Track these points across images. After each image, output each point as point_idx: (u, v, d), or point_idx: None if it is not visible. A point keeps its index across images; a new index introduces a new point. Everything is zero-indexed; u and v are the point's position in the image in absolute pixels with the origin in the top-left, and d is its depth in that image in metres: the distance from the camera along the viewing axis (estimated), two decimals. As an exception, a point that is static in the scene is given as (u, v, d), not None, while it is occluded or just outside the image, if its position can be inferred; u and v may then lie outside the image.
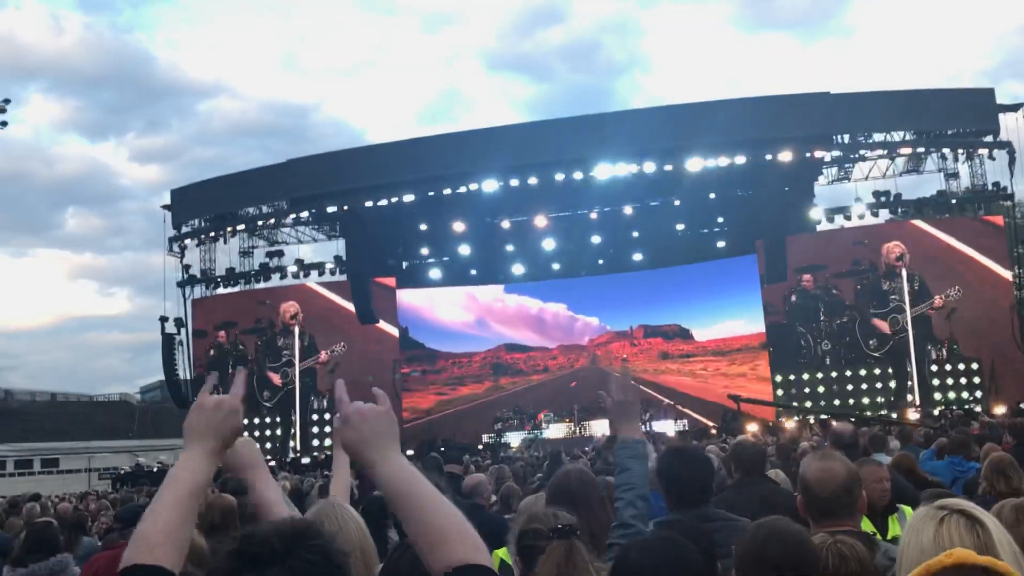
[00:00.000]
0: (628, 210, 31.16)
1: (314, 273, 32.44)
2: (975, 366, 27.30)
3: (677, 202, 30.52)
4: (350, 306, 31.37)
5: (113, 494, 14.87)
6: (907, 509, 4.78)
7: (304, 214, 31.42)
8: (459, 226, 30.98)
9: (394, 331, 31.99)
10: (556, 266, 33.38)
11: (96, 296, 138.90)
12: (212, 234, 32.67)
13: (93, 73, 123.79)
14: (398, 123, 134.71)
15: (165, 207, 33.21)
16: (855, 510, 3.24)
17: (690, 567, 2.43)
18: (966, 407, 24.02)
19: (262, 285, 32.95)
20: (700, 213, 31.48)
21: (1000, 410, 23.20)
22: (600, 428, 28.44)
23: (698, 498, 3.96)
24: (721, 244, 31.89)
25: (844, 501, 3.19)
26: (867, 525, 3.92)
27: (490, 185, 28.06)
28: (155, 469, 30.39)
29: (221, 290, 33.30)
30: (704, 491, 4.05)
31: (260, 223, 32.66)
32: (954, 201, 29.44)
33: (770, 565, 2.48)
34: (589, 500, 3.30)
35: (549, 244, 32.15)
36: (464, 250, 32.97)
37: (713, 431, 24.14)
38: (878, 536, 3.85)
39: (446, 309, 34.16)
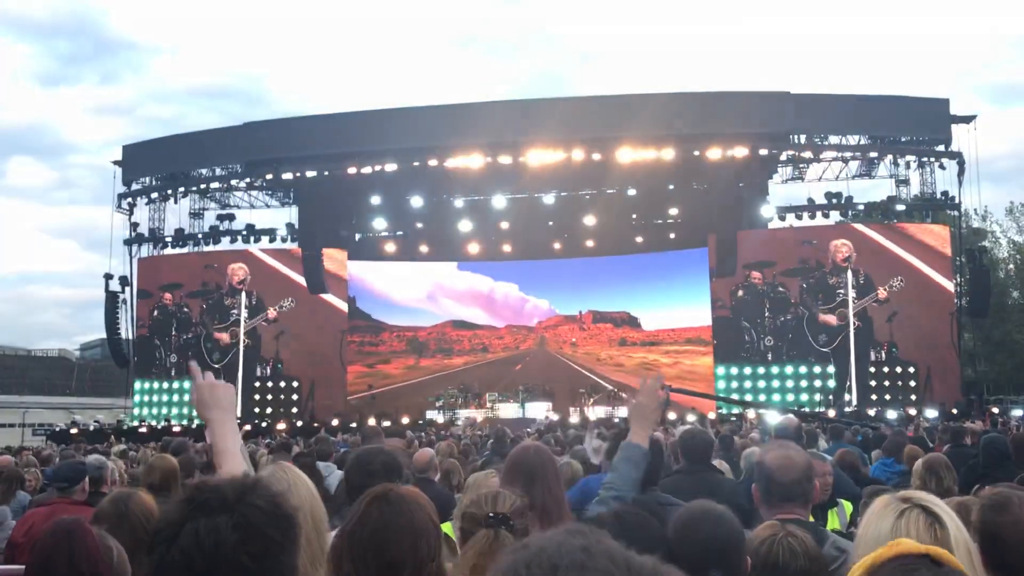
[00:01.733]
0: (584, 196, 31.33)
1: (264, 239, 32.07)
2: (911, 370, 27.93)
3: (632, 191, 30.70)
4: (297, 276, 31.10)
5: (47, 450, 14.60)
6: (846, 503, 4.92)
7: (258, 179, 31.02)
8: (416, 201, 30.83)
9: (342, 304, 31.81)
10: (509, 248, 33.41)
11: (40, 249, 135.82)
12: (163, 193, 32.14)
13: (47, 21, 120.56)
14: (358, 95, 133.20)
15: (116, 163, 32.62)
16: (809, 499, 3.33)
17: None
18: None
19: (211, 248, 32.47)
20: (654, 204, 31.73)
21: (932, 414, 23.83)
22: (541, 410, 28.71)
23: (646, 483, 4.03)
24: (673, 236, 32.19)
25: (802, 489, 3.27)
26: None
27: (449, 162, 27.90)
28: (91, 428, 29.93)
29: (168, 251, 32.77)
30: (652, 477, 4.13)
31: (213, 185, 32.22)
32: (903, 207, 30.00)
33: (700, 546, 2.55)
34: (545, 475, 3.36)
35: (504, 225, 32.16)
36: (419, 226, 32.87)
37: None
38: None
39: (397, 283, 34.05)
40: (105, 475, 6.14)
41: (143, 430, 27.36)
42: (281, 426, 26.47)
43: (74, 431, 27.73)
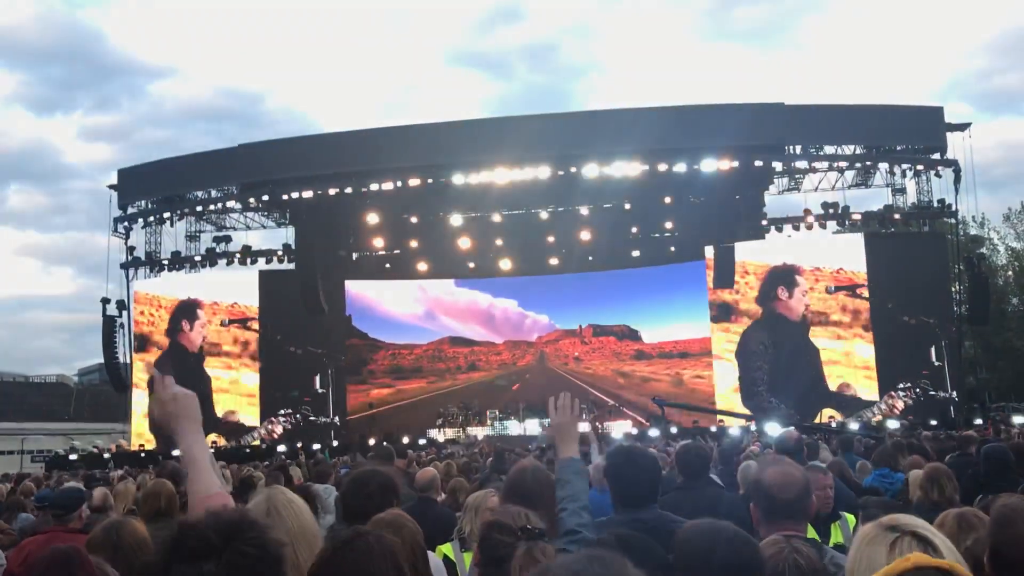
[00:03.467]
0: (582, 211, 31.34)
1: (261, 260, 32.05)
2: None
3: (628, 205, 30.69)
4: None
5: (51, 480, 14.51)
6: (849, 517, 4.86)
7: (253, 200, 30.99)
8: (412, 219, 30.83)
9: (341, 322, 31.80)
10: (507, 264, 33.38)
11: (37, 275, 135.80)
12: (158, 216, 32.11)
13: (42, 47, 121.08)
14: (354, 114, 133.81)
15: (112, 187, 32.60)
16: (808, 515, 3.29)
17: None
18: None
19: (208, 270, 32.44)
20: (651, 217, 31.72)
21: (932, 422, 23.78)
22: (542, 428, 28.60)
23: (644, 498, 3.98)
24: (672, 249, 32.16)
25: (802, 505, 3.23)
26: (810, 532, 3.97)
27: (445, 180, 27.91)
28: (90, 451, 29.80)
29: (165, 274, 32.70)
30: (651, 491, 4.08)
31: (208, 207, 32.20)
32: (899, 216, 30.00)
33: (719, 567, 2.46)
34: (544, 497, 3.32)
35: (501, 241, 32.14)
36: (415, 244, 32.83)
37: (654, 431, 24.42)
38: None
39: (394, 301, 34.03)
40: (109, 504, 6.06)
41: (142, 454, 27.24)
42: (281, 448, 26.34)
43: (73, 457, 27.61)
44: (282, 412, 30.69)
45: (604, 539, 2.81)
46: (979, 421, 23.57)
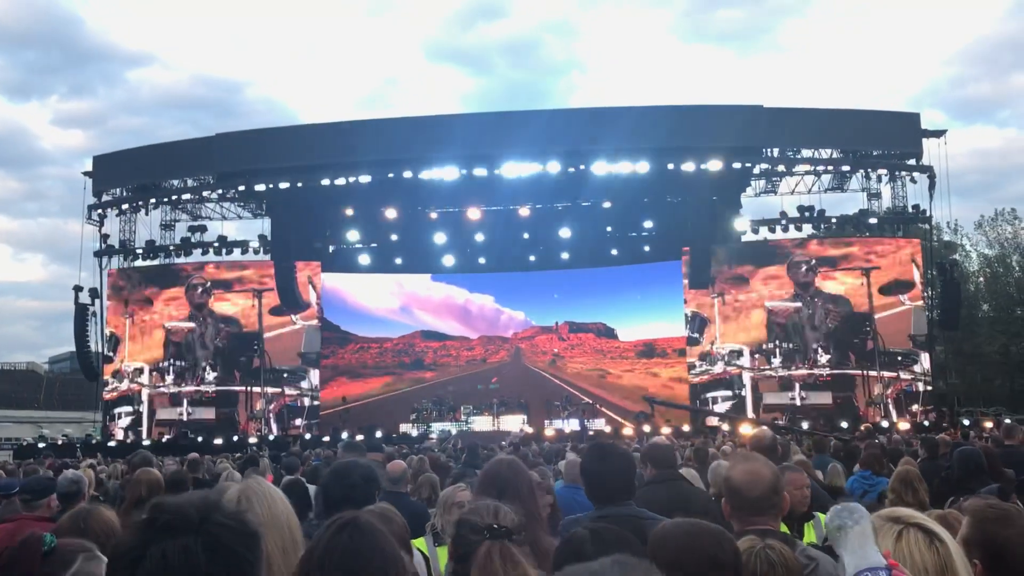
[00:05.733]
0: (559, 208, 31.33)
1: (236, 251, 31.82)
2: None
3: (607, 204, 30.74)
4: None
5: (11, 465, 14.39)
6: (822, 516, 4.87)
7: (230, 190, 30.76)
8: (390, 213, 30.68)
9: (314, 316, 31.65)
10: (483, 260, 33.34)
11: (8, 261, 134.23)
12: (133, 204, 31.82)
13: (18, 31, 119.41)
14: (332, 107, 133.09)
15: (86, 174, 32.27)
16: (780, 511, 3.30)
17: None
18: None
19: (182, 260, 32.18)
20: (629, 217, 31.78)
21: (904, 426, 24.02)
22: (516, 423, 28.65)
23: (621, 495, 3.98)
24: (647, 248, 32.25)
25: (772, 502, 3.24)
26: (784, 531, 3.98)
27: (424, 174, 27.82)
28: (59, 442, 29.52)
29: (139, 262, 32.40)
30: (627, 488, 4.08)
31: (184, 196, 31.94)
32: (874, 220, 30.23)
33: (705, 562, 2.44)
34: (518, 489, 3.30)
35: (479, 237, 32.07)
36: (393, 238, 32.69)
37: (628, 430, 24.63)
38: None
39: (370, 294, 33.91)
40: (83, 490, 5.96)
41: (112, 444, 27.02)
42: (252, 440, 26.22)
43: (42, 445, 27.33)
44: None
45: (580, 532, 2.79)
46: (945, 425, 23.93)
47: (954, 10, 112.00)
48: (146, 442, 26.33)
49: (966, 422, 24.85)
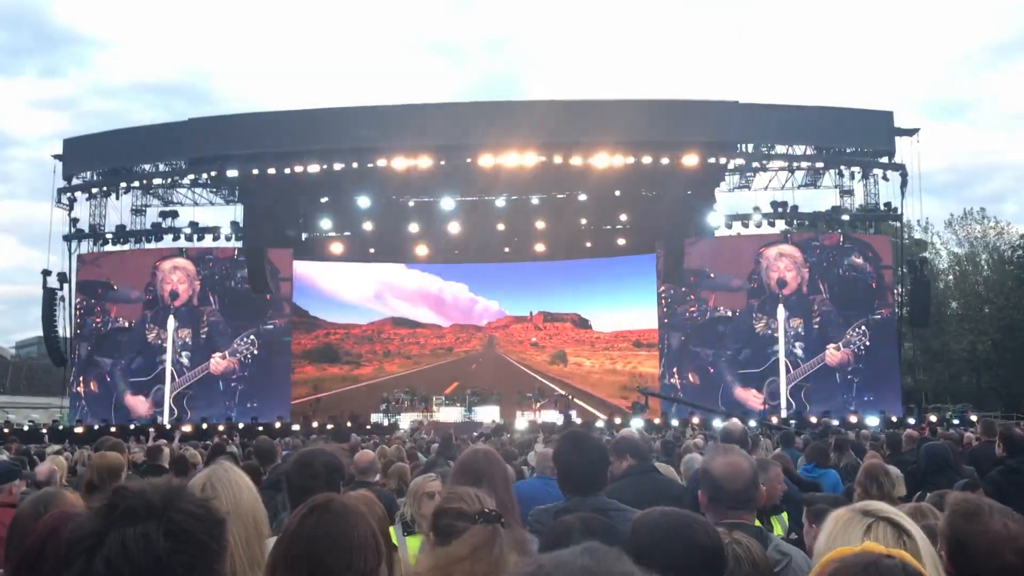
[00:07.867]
0: (534, 200, 31.28)
1: (208, 237, 31.51)
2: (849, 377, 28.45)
3: (582, 196, 30.73)
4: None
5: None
6: (783, 514, 4.95)
7: (203, 176, 30.44)
8: (364, 201, 30.51)
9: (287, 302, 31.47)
10: (458, 250, 33.26)
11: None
12: (104, 189, 31.44)
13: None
14: (306, 96, 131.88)
15: (56, 156, 31.82)
16: (756, 504, 3.30)
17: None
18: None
19: (153, 245, 31.82)
20: (604, 209, 31.81)
21: (873, 422, 24.24)
22: (490, 414, 28.62)
23: (591, 485, 3.97)
24: (622, 241, 32.32)
25: (750, 495, 3.24)
26: (756, 525, 3.99)
27: (398, 163, 27.64)
28: (25, 428, 29.15)
29: (109, 247, 32.01)
30: (599, 478, 4.08)
31: (155, 181, 31.60)
32: (847, 217, 30.44)
33: (695, 550, 2.40)
34: (493, 478, 3.28)
35: (454, 227, 31.96)
36: (367, 226, 32.50)
37: (601, 423, 24.78)
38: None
39: (343, 282, 33.78)
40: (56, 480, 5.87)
41: (79, 430, 26.73)
42: (220, 428, 26.01)
43: (6, 431, 26.98)
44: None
45: (569, 521, 2.76)
46: (912, 421, 24.19)
47: (930, 11, 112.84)
48: (112, 429, 26.04)
49: (933, 418, 25.21)
